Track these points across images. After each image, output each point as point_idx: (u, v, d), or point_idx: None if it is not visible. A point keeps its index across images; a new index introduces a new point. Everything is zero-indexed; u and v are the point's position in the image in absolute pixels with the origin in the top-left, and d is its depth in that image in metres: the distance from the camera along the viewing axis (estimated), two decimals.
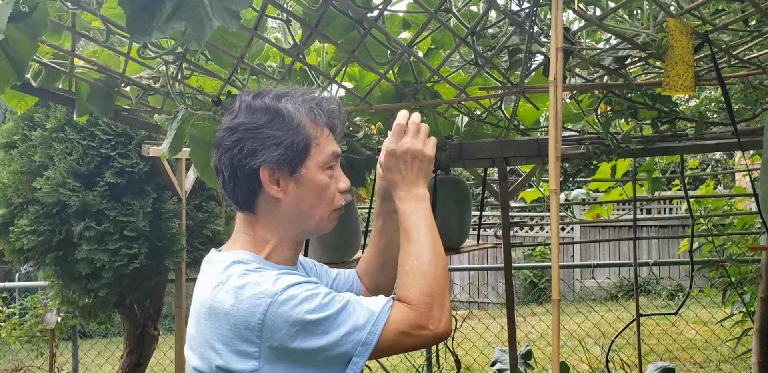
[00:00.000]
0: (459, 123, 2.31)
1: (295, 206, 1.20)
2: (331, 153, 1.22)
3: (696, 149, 2.30)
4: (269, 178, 1.17)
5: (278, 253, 1.24)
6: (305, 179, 1.19)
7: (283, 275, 1.11)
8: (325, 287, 1.13)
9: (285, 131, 1.16)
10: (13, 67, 1.36)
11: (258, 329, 1.06)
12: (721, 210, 4.24)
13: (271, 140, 1.15)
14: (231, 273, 1.12)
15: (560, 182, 2.38)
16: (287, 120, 1.17)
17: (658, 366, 3.40)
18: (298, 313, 1.05)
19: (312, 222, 1.23)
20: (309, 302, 1.07)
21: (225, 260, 1.17)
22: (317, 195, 1.21)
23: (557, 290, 1.12)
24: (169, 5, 1.10)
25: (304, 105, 1.20)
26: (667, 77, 1.40)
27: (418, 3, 1.47)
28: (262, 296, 1.06)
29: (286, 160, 1.16)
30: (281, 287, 1.07)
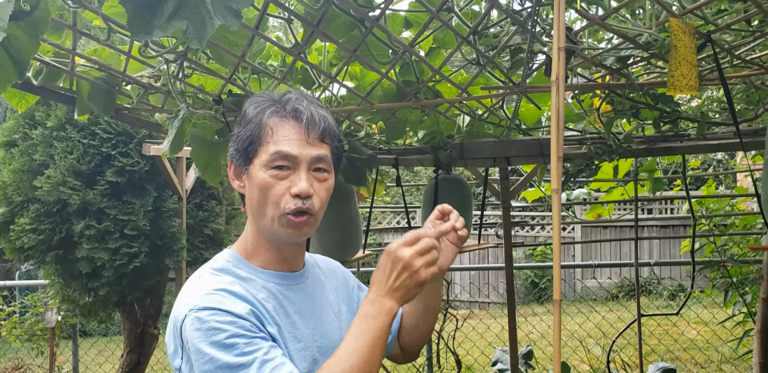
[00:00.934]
0: (460, 122, 2.31)
1: (250, 202, 1.21)
2: (275, 152, 1.16)
3: (698, 149, 2.29)
4: (233, 173, 1.24)
5: (260, 253, 1.24)
6: (251, 176, 1.20)
7: (218, 293, 1.11)
8: (245, 327, 1.08)
9: (242, 128, 1.21)
10: (14, 66, 1.35)
11: (180, 332, 1.11)
12: (722, 210, 4.24)
13: (234, 137, 1.23)
14: (197, 272, 1.22)
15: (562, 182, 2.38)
16: (246, 118, 1.21)
17: (660, 367, 3.39)
18: (196, 338, 1.07)
19: (265, 222, 1.19)
20: (212, 334, 1.06)
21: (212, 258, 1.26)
22: (261, 194, 1.18)
23: (558, 290, 1.11)
24: (170, 4, 1.09)
25: (264, 104, 1.21)
26: (672, 77, 1.40)
27: (420, 2, 1.47)
28: (187, 305, 1.11)
29: (238, 154, 1.21)
30: (201, 305, 1.09)
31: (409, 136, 2.49)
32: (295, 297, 1.24)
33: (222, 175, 2.02)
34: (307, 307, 1.25)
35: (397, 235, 11.33)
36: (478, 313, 8.35)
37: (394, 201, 13.44)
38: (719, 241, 4.01)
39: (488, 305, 10.16)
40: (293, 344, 1.18)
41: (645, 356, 4.05)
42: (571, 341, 6.09)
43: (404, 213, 9.91)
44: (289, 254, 1.26)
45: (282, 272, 1.24)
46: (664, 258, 9.78)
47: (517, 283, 10.44)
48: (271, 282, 1.21)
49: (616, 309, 7.27)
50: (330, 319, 1.30)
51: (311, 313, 1.25)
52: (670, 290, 9.68)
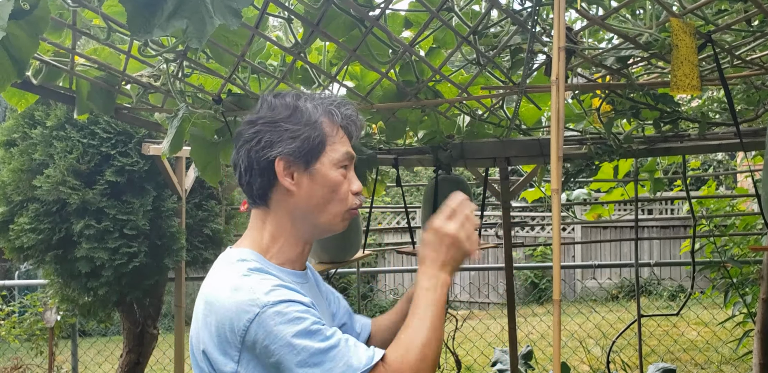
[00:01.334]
0: (461, 122, 2.30)
1: (307, 200, 1.22)
2: (346, 152, 1.25)
3: (698, 150, 2.29)
4: (284, 170, 1.21)
5: (284, 251, 1.25)
6: (319, 174, 1.22)
7: (280, 288, 1.12)
8: (316, 315, 1.12)
9: (302, 126, 1.21)
10: (13, 65, 1.35)
11: (242, 334, 1.08)
12: (723, 211, 4.24)
13: (288, 133, 1.20)
14: (233, 271, 1.16)
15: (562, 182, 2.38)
16: (305, 116, 1.22)
17: (659, 367, 3.39)
18: (281, 331, 1.06)
19: (324, 218, 1.24)
20: (296, 324, 1.07)
21: (230, 257, 1.22)
22: (330, 191, 1.23)
23: (558, 290, 1.11)
24: (170, 3, 1.09)
25: (322, 105, 1.25)
26: (674, 77, 1.40)
27: (420, 2, 1.47)
28: (252, 304, 1.08)
29: (302, 153, 1.20)
30: (273, 299, 1.09)
31: (409, 136, 2.49)
32: (309, 294, 1.25)
33: (221, 175, 2.02)
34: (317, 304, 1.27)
35: (396, 235, 11.34)
36: (477, 313, 8.35)
37: (394, 201, 13.43)
38: (719, 241, 4.01)
39: (488, 305, 10.16)
40: None
41: (645, 356, 4.05)
42: (571, 341, 6.09)
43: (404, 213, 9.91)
44: (305, 253, 1.31)
45: (295, 271, 1.28)
46: (664, 259, 9.78)
47: (517, 283, 10.44)
48: (290, 279, 1.23)
49: (616, 310, 7.27)
50: (328, 316, 1.37)
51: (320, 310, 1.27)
52: (670, 290, 9.67)
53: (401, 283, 10.39)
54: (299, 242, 1.27)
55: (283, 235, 1.25)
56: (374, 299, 10.56)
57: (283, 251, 1.26)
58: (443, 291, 1.22)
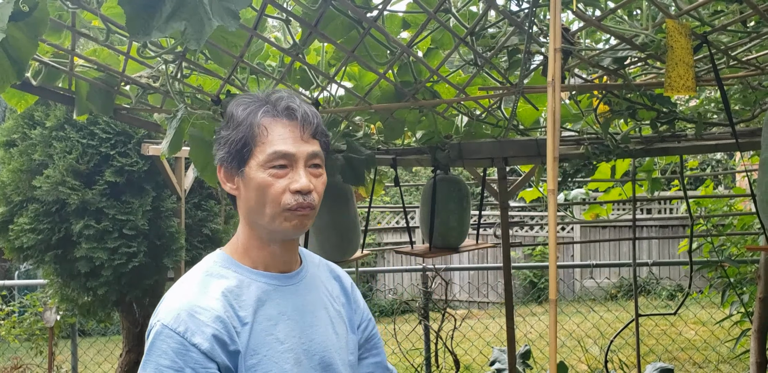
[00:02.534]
0: (458, 123, 2.31)
1: (246, 203, 1.23)
2: (274, 152, 1.19)
3: (695, 150, 2.30)
4: (224, 175, 1.25)
5: (252, 254, 1.26)
6: (248, 177, 1.21)
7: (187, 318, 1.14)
8: (197, 367, 1.13)
9: (231, 131, 1.22)
10: (13, 66, 1.36)
11: (148, 332, 1.18)
12: (720, 211, 4.25)
13: (222, 140, 1.23)
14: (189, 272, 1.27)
15: (559, 182, 2.39)
16: (234, 121, 1.22)
17: (657, 367, 3.40)
18: (148, 347, 1.14)
19: (265, 220, 1.21)
20: (159, 355, 1.12)
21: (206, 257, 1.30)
22: (260, 193, 1.20)
23: (555, 289, 1.12)
24: (168, 5, 1.10)
25: (254, 105, 1.23)
26: (669, 78, 1.40)
27: (418, 3, 1.47)
28: (163, 313, 1.17)
29: (231, 157, 1.22)
30: (168, 322, 1.14)
31: (408, 136, 2.50)
32: (282, 299, 1.25)
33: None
34: (296, 309, 1.26)
35: (395, 234, 11.36)
36: (476, 313, 8.37)
37: (393, 201, 13.43)
38: (717, 241, 4.02)
39: (487, 304, 10.17)
40: (275, 346, 1.20)
41: (643, 355, 4.06)
42: (569, 340, 6.10)
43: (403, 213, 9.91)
44: (280, 254, 1.27)
45: (273, 273, 1.26)
46: (662, 258, 9.79)
47: (516, 283, 10.45)
48: (260, 282, 1.23)
49: (614, 309, 7.28)
50: (322, 322, 1.30)
51: (300, 315, 1.26)
52: (668, 290, 9.69)
53: (400, 282, 10.40)
54: (263, 245, 1.26)
55: (248, 238, 1.27)
56: (373, 298, 10.57)
57: (250, 253, 1.26)
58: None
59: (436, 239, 2.37)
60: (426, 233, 2.39)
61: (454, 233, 2.38)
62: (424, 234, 2.44)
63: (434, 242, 2.38)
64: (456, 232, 2.39)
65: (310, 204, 1.20)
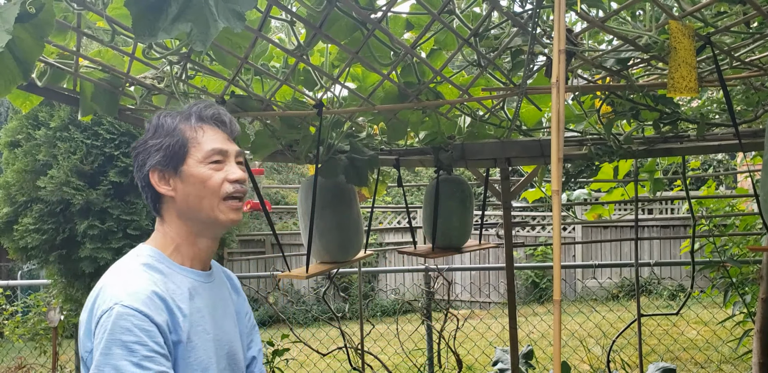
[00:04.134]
0: (461, 123, 2.32)
1: (185, 200, 1.34)
2: (212, 149, 1.36)
3: (697, 150, 2.30)
4: (159, 180, 1.35)
5: (183, 251, 1.37)
6: (187, 174, 1.34)
7: (144, 298, 1.20)
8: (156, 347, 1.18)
9: (163, 137, 1.35)
10: (19, 67, 1.36)
11: (97, 321, 1.19)
12: (722, 211, 4.25)
13: (153, 148, 1.35)
14: (123, 261, 1.32)
15: (562, 183, 2.39)
16: (164, 129, 1.36)
17: (659, 366, 3.40)
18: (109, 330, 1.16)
19: (204, 213, 1.34)
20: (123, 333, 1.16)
21: (132, 252, 1.35)
22: (201, 186, 1.34)
23: (558, 290, 1.12)
24: (174, 6, 1.10)
25: (181, 114, 1.39)
26: (671, 79, 1.41)
27: (422, 4, 1.48)
28: (114, 297, 1.20)
29: (168, 160, 1.34)
30: (127, 302, 1.19)
31: (411, 136, 2.50)
32: (206, 294, 1.38)
33: None
34: (215, 304, 1.40)
35: (398, 235, 11.36)
36: (478, 313, 8.37)
37: (395, 201, 13.45)
38: (719, 241, 4.02)
39: (489, 304, 10.17)
40: (203, 335, 1.32)
41: (645, 355, 4.06)
42: (571, 340, 6.10)
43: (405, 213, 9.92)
44: (206, 253, 1.41)
45: (197, 270, 1.39)
46: (664, 258, 9.78)
47: (518, 283, 10.45)
48: (189, 278, 1.35)
49: (617, 309, 7.28)
50: (229, 316, 1.47)
51: (215, 309, 1.40)
52: (670, 290, 9.68)
53: (402, 282, 10.40)
54: (195, 241, 1.38)
55: (179, 236, 1.37)
56: (375, 298, 10.58)
57: (181, 250, 1.37)
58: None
59: (439, 239, 2.37)
60: (429, 233, 2.39)
61: (456, 233, 2.39)
62: (426, 234, 2.44)
63: (437, 242, 2.38)
64: (458, 232, 2.39)
65: (245, 191, 1.39)
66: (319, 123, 1.89)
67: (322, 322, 5.61)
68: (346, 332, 3.98)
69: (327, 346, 4.64)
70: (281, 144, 2.09)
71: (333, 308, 4.22)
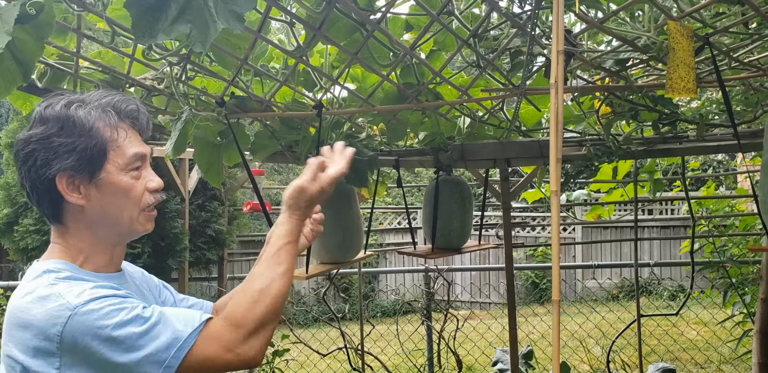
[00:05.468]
0: (461, 124, 2.32)
1: (100, 210, 1.18)
2: (134, 154, 1.20)
3: (697, 151, 2.31)
4: (67, 186, 1.16)
5: (93, 260, 1.22)
6: (106, 183, 1.17)
7: (90, 289, 1.09)
8: (135, 302, 1.10)
9: (76, 137, 1.15)
10: (19, 69, 1.37)
11: (58, 341, 1.04)
12: (722, 211, 4.25)
13: (63, 148, 1.14)
14: (39, 283, 1.11)
15: (561, 183, 2.40)
16: (78, 125, 1.15)
17: (659, 367, 3.41)
18: (99, 327, 1.04)
19: (122, 226, 1.21)
20: (111, 317, 1.05)
21: (37, 270, 1.15)
22: (123, 197, 1.19)
23: (557, 290, 1.12)
24: (174, 8, 1.10)
25: (97, 109, 1.18)
26: (670, 80, 1.41)
27: (421, 6, 1.48)
28: (62, 309, 1.05)
29: (82, 165, 1.15)
30: (83, 300, 1.06)
31: (410, 137, 2.51)
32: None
33: (224, 177, 2.03)
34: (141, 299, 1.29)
35: (398, 235, 11.36)
36: (478, 313, 8.37)
37: (395, 202, 13.46)
38: (719, 242, 4.03)
39: (489, 305, 10.17)
40: None
41: (645, 356, 4.06)
42: (571, 341, 6.11)
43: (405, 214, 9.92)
44: (119, 256, 1.28)
45: (110, 274, 1.25)
46: (664, 259, 9.79)
47: (518, 283, 10.45)
48: (106, 283, 1.18)
49: (616, 309, 7.28)
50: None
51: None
52: (669, 290, 9.68)
53: (402, 283, 10.40)
54: (107, 249, 1.24)
55: (88, 246, 1.21)
56: (375, 299, 10.58)
57: (91, 260, 1.21)
58: (296, 239, 1.29)
59: (439, 239, 2.38)
60: (428, 233, 2.39)
61: (456, 233, 2.39)
62: (426, 235, 2.45)
63: (437, 242, 2.38)
64: (458, 233, 2.39)
65: (161, 199, 1.27)
66: (319, 124, 1.90)
67: (323, 322, 5.61)
68: (346, 333, 3.98)
69: (327, 346, 4.65)
70: (281, 145, 2.10)
71: (333, 309, 4.23)
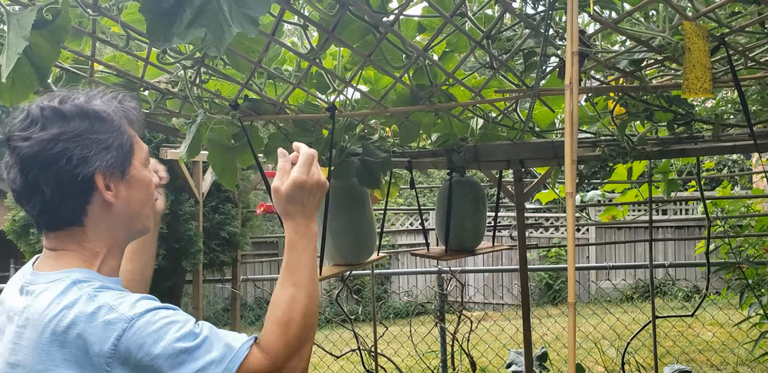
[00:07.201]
0: (474, 125, 2.32)
1: (126, 207, 1.17)
2: (147, 149, 1.26)
3: (712, 151, 2.29)
4: (104, 183, 1.13)
5: (107, 263, 1.18)
6: (135, 179, 1.18)
7: (141, 300, 1.06)
8: (184, 314, 1.08)
9: (110, 133, 1.14)
10: (36, 73, 1.38)
11: (111, 355, 1.00)
12: (738, 211, 4.22)
13: (99, 145, 1.12)
14: (74, 296, 1.05)
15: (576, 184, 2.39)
16: (108, 122, 1.15)
17: (675, 369, 3.38)
18: (155, 341, 1.01)
19: (140, 222, 1.22)
20: (166, 330, 1.03)
21: (61, 280, 1.09)
22: (146, 191, 1.21)
23: (573, 292, 1.12)
24: (189, 12, 1.11)
25: (112, 104, 1.18)
26: (686, 80, 1.40)
27: (434, 7, 1.48)
28: (118, 321, 1.01)
29: (119, 162, 1.14)
30: (139, 311, 1.03)
31: (423, 139, 2.50)
32: None
33: (238, 179, 2.04)
34: None
35: (410, 236, 11.36)
36: (492, 315, 8.35)
37: (408, 203, 13.45)
38: (734, 242, 4.00)
39: (502, 306, 10.14)
40: None
41: (660, 357, 4.04)
42: (585, 342, 6.08)
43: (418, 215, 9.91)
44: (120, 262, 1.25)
45: (117, 278, 1.22)
46: (679, 259, 9.72)
47: (532, 284, 10.42)
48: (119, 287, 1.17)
49: (631, 311, 7.24)
50: None
51: None
52: (685, 291, 9.62)
53: (415, 285, 10.39)
54: (119, 251, 1.22)
55: (104, 248, 1.17)
56: (388, 300, 10.58)
57: (107, 262, 1.18)
58: (315, 245, 1.24)
59: (452, 241, 2.37)
60: (442, 235, 2.39)
61: (469, 235, 2.38)
62: (439, 236, 2.44)
63: (450, 244, 2.38)
64: (472, 234, 2.39)
65: None
66: (332, 126, 1.90)
67: (336, 324, 5.62)
68: (359, 334, 3.98)
69: (340, 348, 4.65)
70: None
71: (346, 310, 4.23)
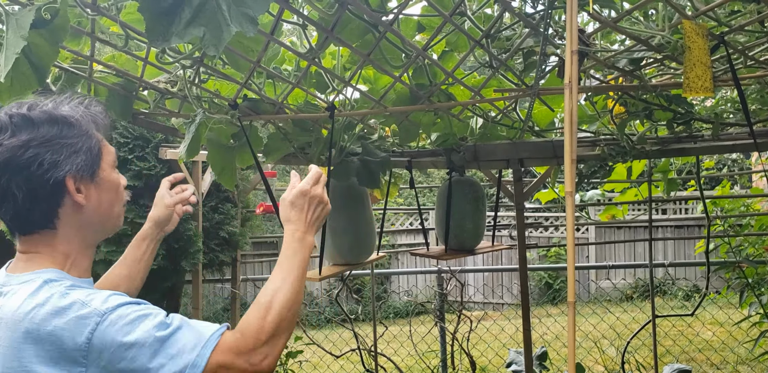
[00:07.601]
0: (473, 125, 2.31)
1: (96, 209, 1.22)
2: (114, 152, 1.29)
3: (712, 150, 2.29)
4: (75, 186, 1.17)
5: (78, 264, 1.22)
6: (104, 181, 1.23)
7: (113, 295, 1.10)
8: (155, 308, 1.13)
9: (78, 137, 1.18)
10: (34, 73, 1.38)
11: (85, 349, 1.03)
12: (737, 211, 4.22)
13: (69, 149, 1.16)
14: (47, 294, 1.08)
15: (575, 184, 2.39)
16: (77, 127, 1.18)
17: (674, 368, 3.38)
18: (126, 333, 1.04)
19: (110, 222, 1.28)
20: (139, 322, 1.06)
21: (33, 280, 1.12)
22: (114, 192, 1.26)
23: (573, 292, 1.12)
24: (187, 11, 1.10)
25: (79, 109, 1.22)
26: (687, 79, 1.40)
27: (433, 6, 1.48)
28: (90, 315, 1.04)
29: (88, 165, 1.19)
30: (111, 305, 1.06)
31: (422, 138, 2.50)
32: None
33: (237, 179, 2.04)
34: None
35: (410, 236, 11.35)
36: (492, 314, 8.35)
37: (407, 202, 13.46)
38: (734, 241, 4.00)
39: (502, 306, 10.15)
40: None
41: (660, 357, 4.04)
42: (585, 342, 6.08)
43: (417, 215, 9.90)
44: (91, 261, 1.29)
45: (88, 279, 1.25)
46: (678, 259, 9.72)
47: (531, 284, 10.42)
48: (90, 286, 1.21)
49: (631, 310, 7.24)
50: None
51: None
52: (684, 290, 9.62)
53: (414, 284, 10.39)
54: (88, 251, 1.26)
55: (75, 249, 1.21)
56: (388, 300, 10.58)
57: (77, 264, 1.21)
58: (308, 255, 1.33)
59: (452, 241, 2.37)
60: (441, 235, 2.39)
61: (469, 234, 2.38)
62: (439, 236, 2.44)
63: (450, 244, 2.38)
64: (471, 234, 2.39)
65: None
66: (331, 125, 1.90)
67: (335, 324, 5.62)
68: (359, 334, 3.98)
69: (340, 348, 4.65)
70: (293, 147, 2.10)
71: (346, 310, 4.23)
